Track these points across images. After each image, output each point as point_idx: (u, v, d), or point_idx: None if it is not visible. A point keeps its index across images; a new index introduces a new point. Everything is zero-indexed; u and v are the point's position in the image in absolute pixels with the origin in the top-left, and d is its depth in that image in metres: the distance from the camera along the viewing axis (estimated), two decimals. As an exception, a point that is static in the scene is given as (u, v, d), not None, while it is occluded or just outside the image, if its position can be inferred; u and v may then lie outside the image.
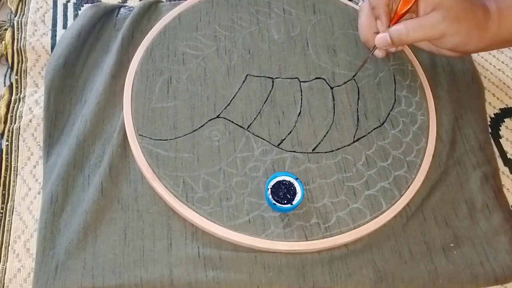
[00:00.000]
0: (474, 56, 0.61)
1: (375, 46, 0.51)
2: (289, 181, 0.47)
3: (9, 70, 0.58)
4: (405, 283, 0.46)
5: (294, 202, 0.46)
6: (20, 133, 0.53)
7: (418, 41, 0.50)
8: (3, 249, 0.47)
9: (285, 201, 0.46)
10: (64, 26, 0.61)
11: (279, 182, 0.47)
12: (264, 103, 0.53)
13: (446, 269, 0.46)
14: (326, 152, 0.50)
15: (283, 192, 0.46)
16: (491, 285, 0.46)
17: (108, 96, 0.53)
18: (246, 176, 0.49)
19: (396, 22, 0.49)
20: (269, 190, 0.46)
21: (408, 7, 0.48)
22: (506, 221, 0.49)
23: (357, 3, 0.60)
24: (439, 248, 0.47)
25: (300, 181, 0.47)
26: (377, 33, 0.50)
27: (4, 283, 0.45)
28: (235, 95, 0.53)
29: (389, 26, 0.50)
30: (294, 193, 0.46)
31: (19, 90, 0.56)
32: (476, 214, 0.49)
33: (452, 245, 0.47)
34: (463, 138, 0.54)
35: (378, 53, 0.52)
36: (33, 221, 0.48)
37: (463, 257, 0.47)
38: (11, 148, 0.52)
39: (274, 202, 0.46)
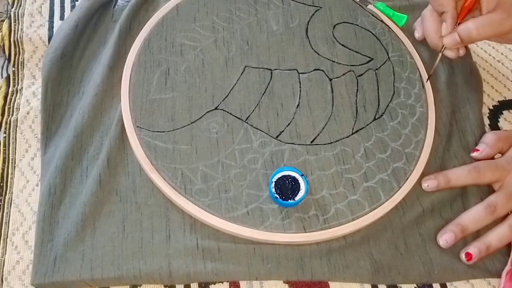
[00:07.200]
0: (473, 47, 0.61)
1: (443, 46, 0.52)
2: (294, 176, 0.47)
3: (6, 61, 0.57)
4: (402, 275, 0.46)
5: (297, 198, 0.46)
6: (18, 125, 0.53)
7: (487, 38, 0.51)
8: (1, 241, 0.47)
9: (288, 196, 0.46)
10: (61, 17, 0.61)
11: (283, 177, 0.47)
12: (263, 94, 0.53)
13: (441, 260, 0.46)
14: (324, 144, 0.50)
15: (286, 187, 0.46)
16: (486, 277, 0.47)
17: (106, 88, 0.53)
18: (245, 168, 0.48)
19: (461, 22, 0.51)
20: (273, 183, 0.46)
21: (474, 1, 0.50)
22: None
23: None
24: (433, 240, 0.47)
25: (305, 177, 0.47)
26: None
27: (2, 275, 0.45)
28: (233, 87, 0.53)
29: (455, 27, 0.51)
30: (298, 189, 0.46)
31: (16, 82, 0.56)
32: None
33: None
34: (459, 132, 0.54)
35: (450, 53, 0.53)
36: (31, 213, 0.48)
37: (457, 249, 0.47)
38: (9, 140, 0.52)
39: (277, 196, 0.46)
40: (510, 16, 0.48)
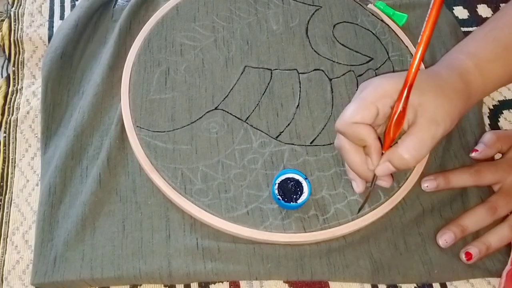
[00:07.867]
0: (474, 47, 0.61)
1: (374, 177, 0.45)
2: (297, 179, 0.47)
3: (6, 61, 0.57)
4: (401, 275, 0.46)
5: (300, 201, 0.46)
6: (18, 124, 0.53)
7: (423, 157, 0.43)
8: (1, 241, 0.47)
9: (291, 198, 0.46)
10: (61, 17, 0.61)
11: (287, 179, 0.47)
12: (263, 95, 0.53)
13: (440, 260, 0.46)
14: (324, 145, 0.50)
15: (289, 189, 0.46)
16: (486, 277, 0.47)
17: (106, 88, 0.53)
18: (245, 168, 0.48)
19: (388, 147, 0.43)
20: (276, 185, 0.46)
21: (400, 130, 0.42)
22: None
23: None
24: (433, 240, 0.47)
25: (309, 181, 0.47)
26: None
27: (2, 275, 0.45)
28: (233, 87, 0.53)
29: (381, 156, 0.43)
30: (300, 191, 0.46)
31: (16, 82, 0.56)
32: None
33: None
34: (459, 132, 0.54)
35: (384, 182, 0.46)
36: (31, 213, 0.48)
37: (457, 248, 0.47)
38: (9, 140, 0.52)
39: (280, 198, 0.46)
40: (438, 126, 0.41)
